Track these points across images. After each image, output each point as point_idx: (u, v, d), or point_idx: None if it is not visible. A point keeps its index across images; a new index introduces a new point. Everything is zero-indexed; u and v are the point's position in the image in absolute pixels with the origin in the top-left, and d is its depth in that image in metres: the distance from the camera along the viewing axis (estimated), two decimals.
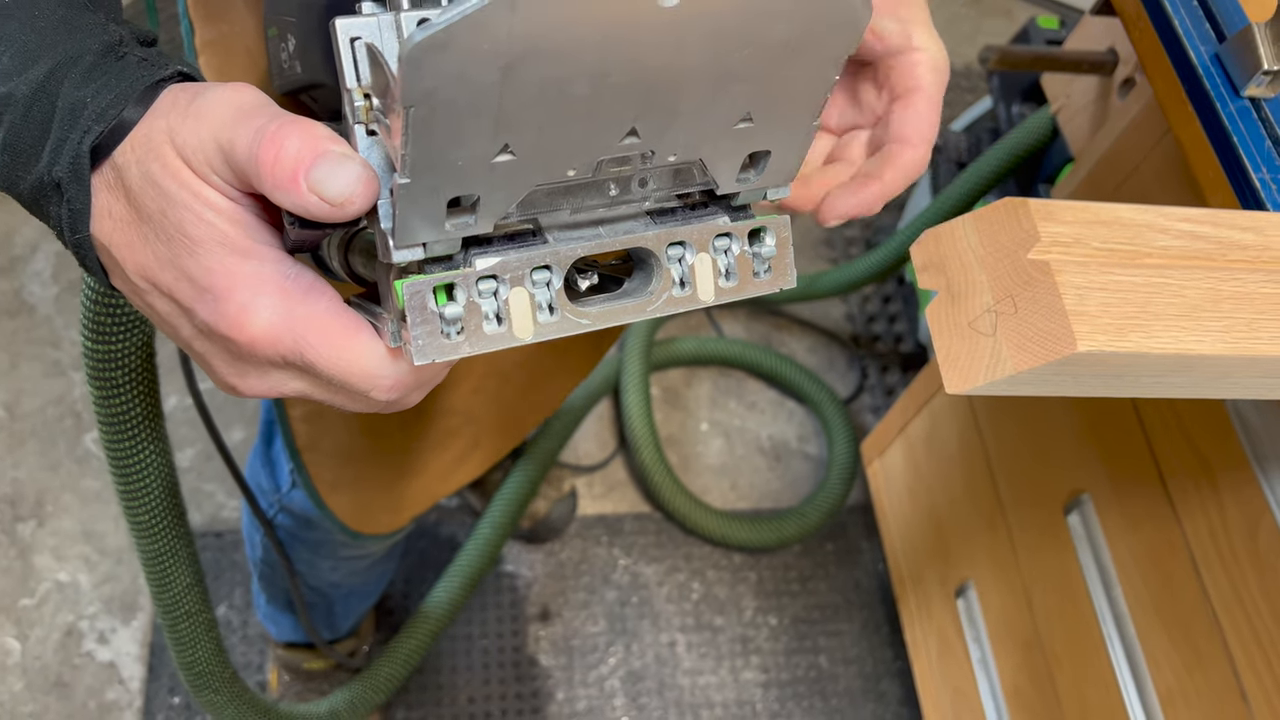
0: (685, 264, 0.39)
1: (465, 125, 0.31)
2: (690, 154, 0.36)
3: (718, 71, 0.33)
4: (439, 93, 0.29)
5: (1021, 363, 0.51)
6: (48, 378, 1.63)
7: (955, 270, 0.54)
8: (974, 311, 0.53)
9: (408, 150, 0.31)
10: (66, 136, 0.37)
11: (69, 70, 0.37)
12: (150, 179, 0.36)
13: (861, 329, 1.87)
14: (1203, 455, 0.87)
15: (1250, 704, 0.83)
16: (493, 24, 0.28)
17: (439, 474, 0.94)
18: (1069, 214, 0.54)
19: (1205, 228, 0.56)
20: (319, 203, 0.34)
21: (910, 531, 1.44)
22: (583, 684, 1.50)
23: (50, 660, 1.43)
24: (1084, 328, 0.50)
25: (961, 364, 0.53)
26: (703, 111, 0.34)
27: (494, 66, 0.29)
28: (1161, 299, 0.53)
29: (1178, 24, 0.76)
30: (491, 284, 0.36)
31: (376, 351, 0.37)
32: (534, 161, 0.33)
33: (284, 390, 0.40)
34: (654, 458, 1.62)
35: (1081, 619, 1.05)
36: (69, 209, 0.38)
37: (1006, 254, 0.53)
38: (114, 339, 0.65)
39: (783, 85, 0.35)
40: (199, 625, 0.90)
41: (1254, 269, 0.55)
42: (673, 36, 0.31)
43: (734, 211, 0.40)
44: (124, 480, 0.75)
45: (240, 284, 0.36)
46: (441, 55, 0.28)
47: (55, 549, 1.50)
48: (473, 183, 0.33)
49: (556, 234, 0.37)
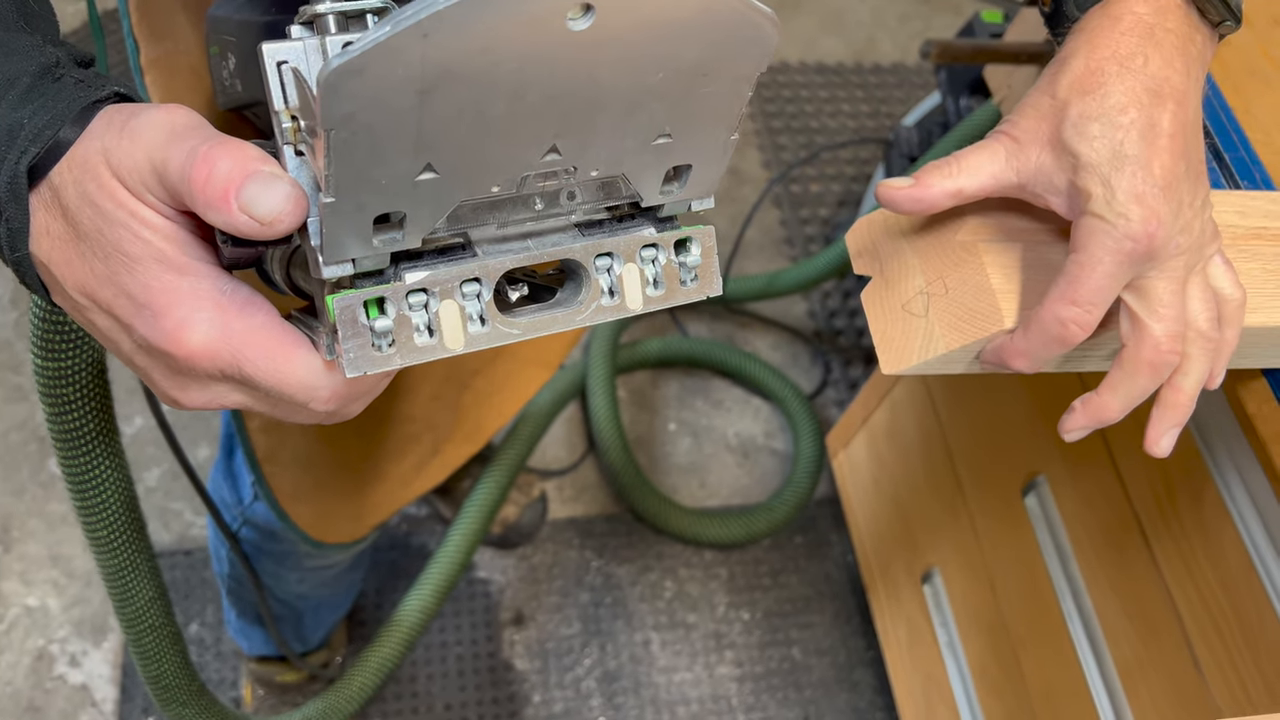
0: (613, 274, 0.40)
1: (386, 146, 0.32)
2: (612, 169, 0.37)
3: (633, 91, 0.34)
4: (358, 116, 0.30)
5: (953, 341, 0.53)
6: (10, 403, 1.62)
7: (888, 255, 0.56)
8: (907, 294, 0.55)
9: (331, 171, 0.32)
10: (4, 157, 0.37)
11: (5, 92, 0.38)
12: (87, 198, 0.37)
13: (823, 325, 1.89)
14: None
15: (1203, 671, 0.85)
16: (406, 50, 0.29)
17: (399, 481, 0.94)
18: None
19: None
20: (249, 221, 0.35)
21: (877, 522, 1.46)
22: (559, 686, 1.51)
23: (21, 685, 1.42)
24: (1011, 305, 0.52)
25: (896, 345, 0.55)
26: (621, 129, 0.35)
27: (410, 90, 0.30)
28: None
29: None
30: (422, 297, 0.36)
31: (313, 364, 0.38)
32: (457, 178, 0.34)
33: (225, 402, 0.40)
34: (623, 459, 1.63)
35: (1042, 598, 1.07)
36: (8, 228, 0.39)
37: (936, 237, 0.54)
38: (63, 355, 0.65)
39: (698, 103, 0.36)
40: (163, 639, 0.90)
41: None
42: (585, 58, 0.32)
43: (660, 223, 0.41)
44: (81, 496, 0.75)
45: (177, 300, 0.37)
46: (357, 80, 0.29)
47: (22, 574, 1.50)
48: (397, 200, 0.34)
49: (486, 247, 0.38)
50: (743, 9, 0.33)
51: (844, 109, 2.18)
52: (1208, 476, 0.82)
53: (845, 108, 2.19)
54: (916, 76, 2.25)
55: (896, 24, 2.36)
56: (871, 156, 2.11)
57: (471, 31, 0.29)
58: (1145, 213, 0.45)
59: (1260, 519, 0.79)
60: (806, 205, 2.01)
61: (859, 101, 2.20)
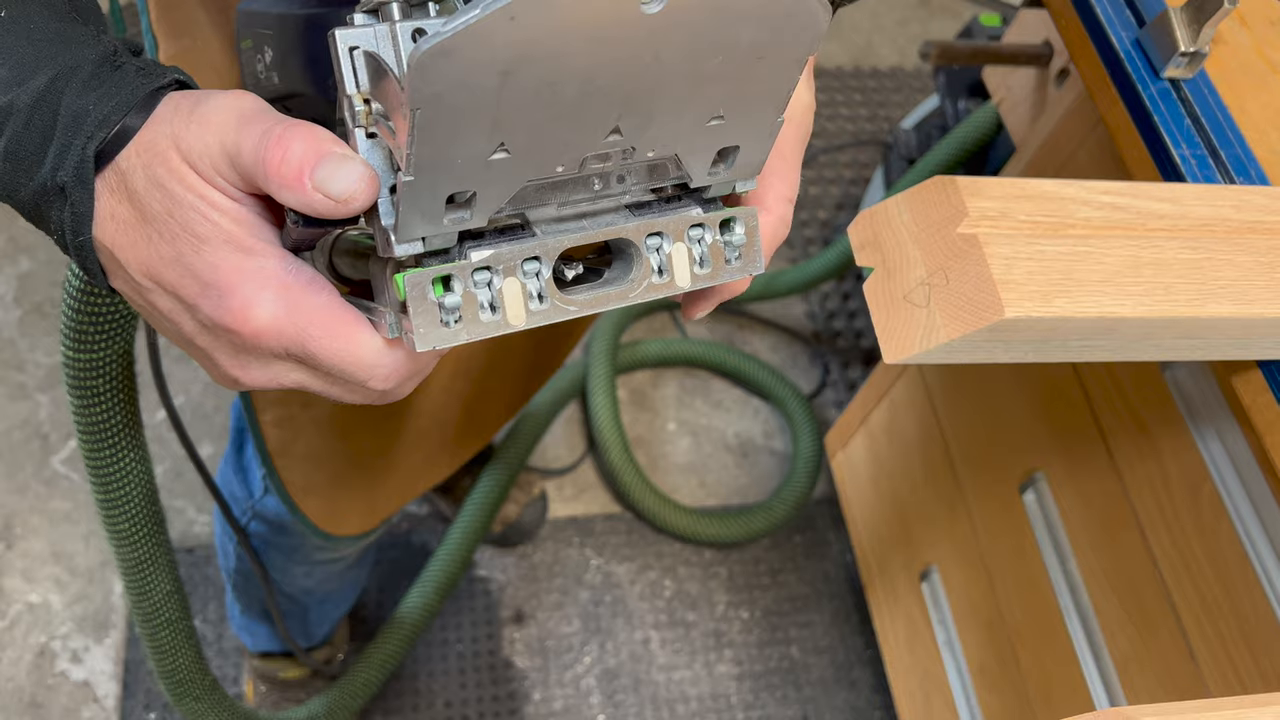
0: (663, 253, 0.42)
1: (465, 126, 0.33)
2: (667, 150, 0.39)
3: (693, 73, 0.36)
4: (443, 96, 0.32)
5: (954, 331, 0.54)
6: (13, 400, 1.63)
7: (890, 247, 0.57)
8: (908, 285, 0.56)
9: (412, 150, 0.33)
10: (70, 143, 0.38)
11: (69, 80, 0.39)
12: (156, 182, 0.38)
13: (822, 326, 1.90)
14: (1145, 425, 0.90)
15: (1199, 663, 0.86)
16: (493, 33, 0.30)
17: (409, 475, 0.95)
18: (995, 189, 0.57)
19: (1125, 199, 0.59)
20: (324, 199, 0.36)
21: (875, 521, 1.47)
22: (559, 684, 1.52)
23: (24, 682, 1.42)
24: (1011, 295, 0.53)
25: (898, 335, 0.56)
26: (679, 110, 0.37)
27: (493, 71, 0.31)
28: (1085, 266, 0.56)
29: (1100, 11, 0.79)
30: (486, 275, 0.38)
31: (374, 343, 0.39)
32: (527, 159, 0.36)
33: (284, 381, 0.41)
34: (623, 458, 1.64)
35: (1040, 594, 1.08)
36: (72, 212, 0.39)
37: (937, 229, 0.55)
38: (95, 347, 0.66)
39: (751, 85, 0.38)
40: (179, 633, 0.91)
41: (1171, 236, 0.58)
42: (653, 43, 0.33)
43: (705, 204, 0.43)
44: (103, 489, 0.76)
45: (244, 279, 0.38)
46: (446, 62, 0.30)
47: (25, 571, 1.50)
48: (470, 179, 0.35)
49: (544, 227, 0.39)
50: None
51: (842, 112, 2.20)
52: (1204, 470, 0.83)
53: (844, 111, 2.20)
54: (915, 80, 2.27)
55: (894, 28, 2.37)
56: (870, 159, 2.12)
57: (554, 14, 0.30)
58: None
59: (1255, 512, 0.80)
60: (805, 207, 2.02)
61: (857, 105, 2.21)
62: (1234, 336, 0.60)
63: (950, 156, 1.44)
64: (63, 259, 1.77)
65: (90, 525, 1.54)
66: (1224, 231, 0.59)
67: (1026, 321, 0.53)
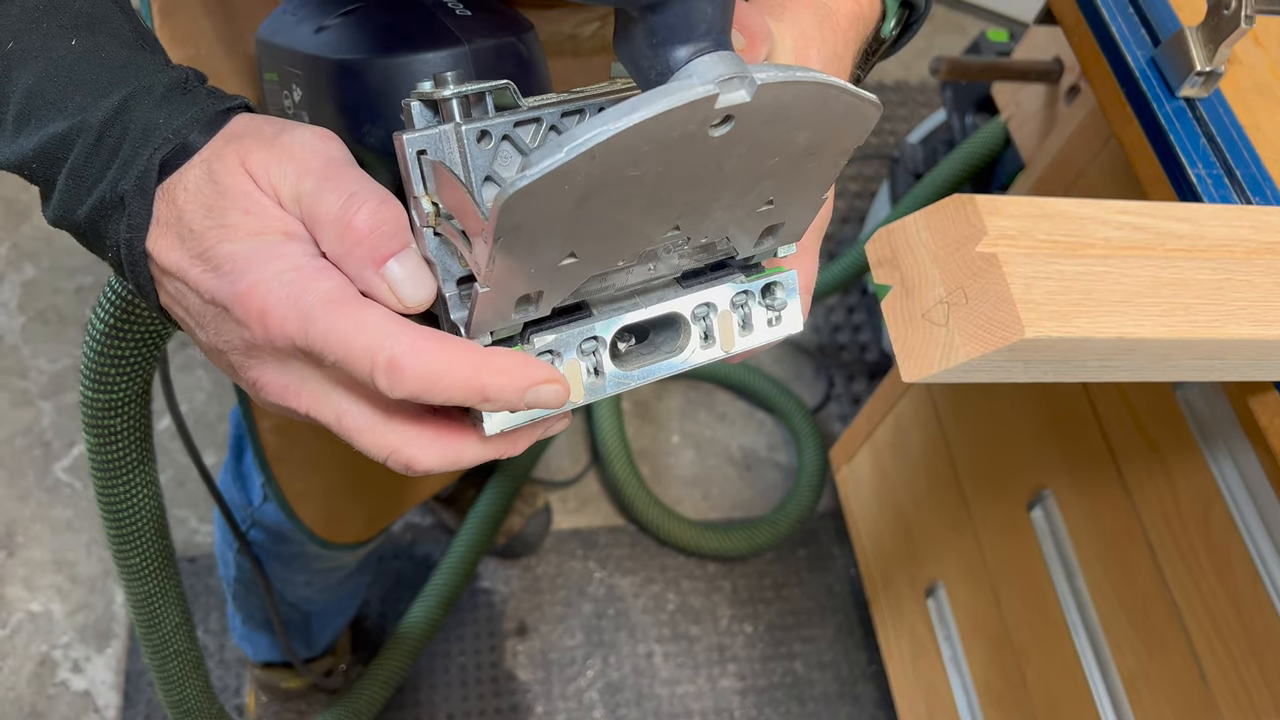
0: (709, 320, 0.43)
1: (541, 244, 0.35)
2: (719, 235, 0.41)
3: (750, 175, 0.37)
4: (523, 225, 0.33)
5: (973, 350, 0.53)
6: (15, 407, 1.62)
7: (908, 265, 0.57)
8: (927, 303, 0.56)
9: (491, 268, 0.34)
10: (136, 154, 0.38)
11: (142, 99, 0.39)
12: (212, 177, 0.38)
13: (827, 339, 1.90)
14: (1155, 444, 0.90)
15: (1209, 683, 0.86)
16: (574, 171, 0.32)
17: (407, 484, 0.95)
18: (1014, 208, 0.56)
19: (1144, 219, 0.59)
20: (389, 294, 0.36)
21: (880, 535, 1.47)
22: (561, 697, 1.51)
23: (24, 691, 1.41)
24: (1031, 315, 0.53)
25: (917, 354, 0.55)
26: (734, 205, 0.39)
27: (571, 199, 0.33)
28: (1104, 286, 0.56)
29: (1115, 30, 0.79)
30: (549, 358, 0.39)
31: (381, 320, 0.36)
32: (594, 260, 0.37)
33: (300, 393, 0.39)
34: (627, 471, 1.64)
35: (1046, 611, 1.07)
36: (129, 223, 0.39)
37: (956, 248, 0.55)
38: (115, 388, 0.66)
39: (803, 176, 0.39)
40: (187, 663, 0.91)
41: (1190, 257, 0.58)
42: (717, 157, 0.35)
43: (747, 269, 0.45)
44: (116, 524, 0.75)
45: (257, 261, 0.37)
46: (530, 199, 0.32)
47: (26, 579, 1.49)
48: (540, 282, 0.37)
49: (600, 308, 0.41)
50: (855, 102, 0.36)
51: None
52: (1215, 489, 0.83)
53: None
54: (920, 95, 2.27)
55: None
56: (875, 173, 2.12)
57: (631, 149, 0.32)
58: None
59: (1267, 532, 0.80)
60: None
61: None
62: (1253, 358, 0.60)
63: (957, 171, 1.44)
64: (68, 266, 1.77)
65: (92, 534, 1.54)
66: (1243, 252, 0.58)
67: (1047, 342, 0.53)
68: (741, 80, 0.32)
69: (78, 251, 1.78)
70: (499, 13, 0.50)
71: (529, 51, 0.50)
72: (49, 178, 0.40)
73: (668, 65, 0.35)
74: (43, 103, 0.40)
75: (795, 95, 0.34)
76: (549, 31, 0.62)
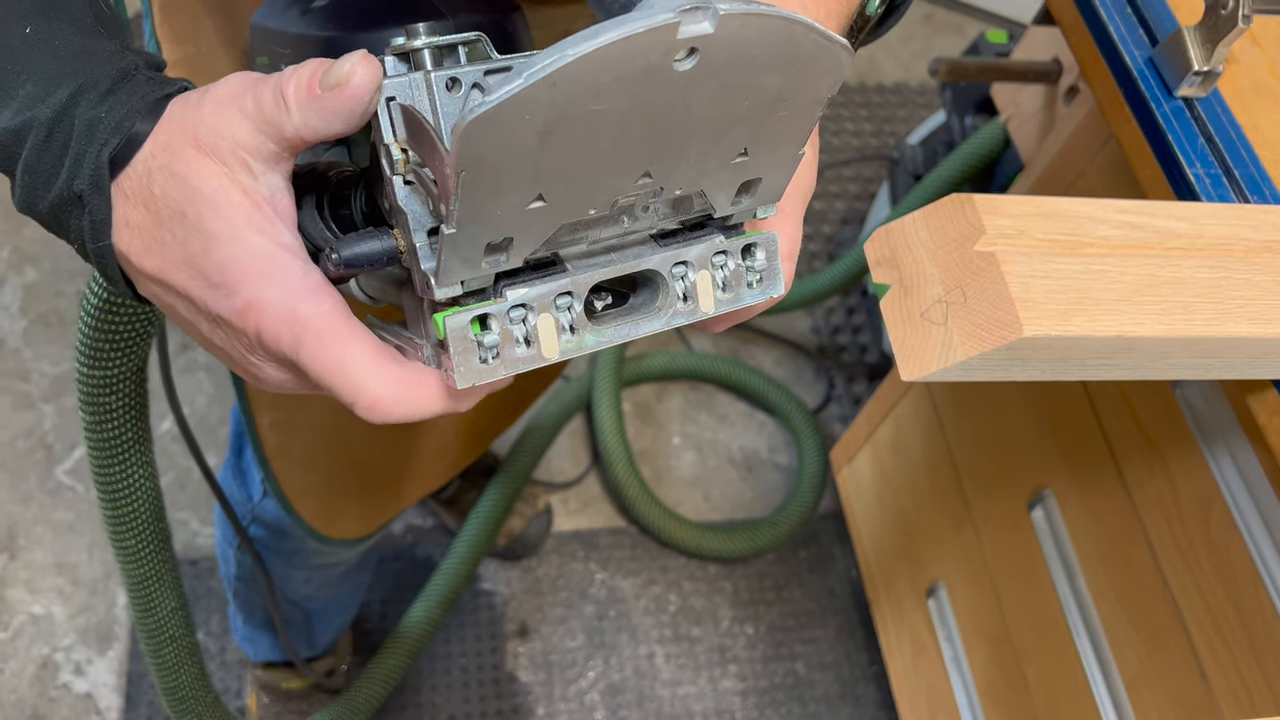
0: (688, 280, 0.43)
1: (506, 182, 0.34)
2: (693, 187, 0.40)
3: (721, 119, 0.37)
4: (486, 159, 0.33)
5: (972, 349, 0.53)
6: (17, 410, 1.63)
7: (907, 264, 0.57)
8: (926, 302, 0.56)
9: (455, 207, 0.34)
10: (85, 151, 0.39)
11: (88, 92, 0.39)
12: (176, 177, 0.38)
13: (827, 340, 1.90)
14: (1155, 444, 0.90)
15: (1209, 682, 0.86)
16: (535, 99, 0.31)
17: (406, 480, 0.95)
18: (1012, 207, 0.57)
19: (1142, 218, 0.59)
20: (330, 94, 0.36)
21: (881, 536, 1.47)
22: (563, 699, 1.51)
23: (26, 694, 1.42)
24: (1029, 313, 0.53)
25: (916, 353, 0.56)
26: (706, 152, 0.38)
27: (534, 132, 0.33)
28: (1102, 285, 0.56)
29: (1113, 30, 0.79)
30: (521, 311, 0.39)
31: (364, 366, 0.38)
32: (563, 206, 0.37)
33: (292, 386, 0.41)
34: (627, 472, 1.64)
35: (1048, 611, 1.07)
36: (90, 219, 0.40)
37: (954, 247, 0.55)
38: (110, 364, 0.66)
39: (775, 125, 0.39)
40: (182, 650, 0.91)
41: (1188, 255, 0.58)
42: (684, 94, 0.35)
43: (727, 230, 0.44)
44: (112, 505, 0.76)
45: (250, 279, 0.38)
46: (490, 128, 0.32)
47: (28, 581, 1.50)
48: (508, 228, 0.36)
49: (575, 262, 0.41)
50: (823, 42, 0.35)
51: (848, 127, 2.20)
52: (1215, 488, 0.83)
53: (849, 126, 2.21)
54: (920, 96, 2.27)
55: (899, 44, 2.38)
56: (875, 175, 2.12)
57: (592, 78, 0.32)
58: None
59: (1267, 530, 0.80)
60: (810, 222, 2.03)
61: (862, 120, 2.22)
62: (1251, 356, 0.60)
63: (957, 172, 1.44)
64: (69, 269, 1.77)
65: (94, 536, 1.54)
66: (1241, 251, 0.59)
67: (1045, 340, 0.53)
68: (705, 11, 0.32)
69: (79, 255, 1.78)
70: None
71: (514, 31, 0.50)
72: (7, 169, 0.41)
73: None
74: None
75: (760, 29, 0.33)
76: (542, 28, 0.63)
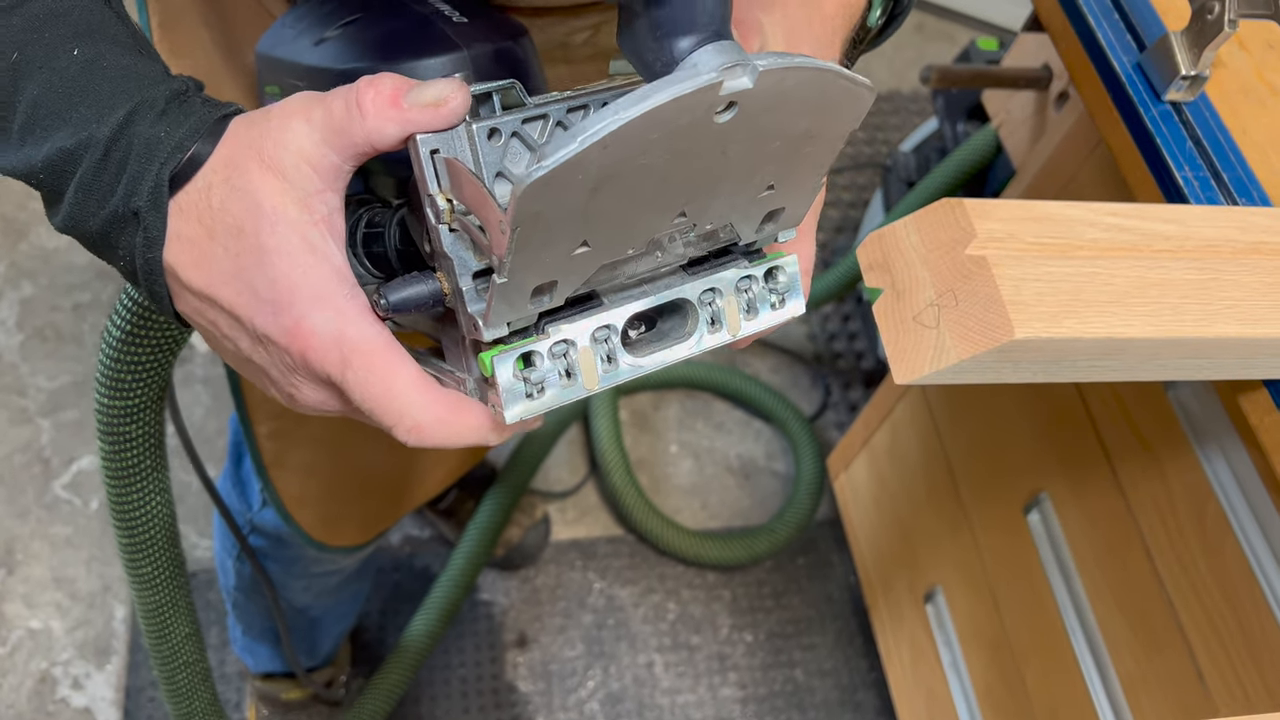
0: (715, 306, 0.45)
1: (556, 233, 0.36)
2: (722, 220, 0.42)
3: (754, 159, 0.39)
4: (541, 215, 0.34)
5: (964, 351, 0.54)
6: (14, 425, 1.63)
7: (899, 268, 0.57)
8: (918, 306, 0.56)
9: (508, 259, 0.35)
10: (144, 170, 0.39)
11: (145, 113, 0.40)
12: (237, 190, 0.39)
13: (823, 347, 1.91)
14: (1150, 446, 0.91)
15: (1206, 683, 0.86)
16: (588, 160, 0.33)
17: (404, 487, 0.96)
18: (1003, 211, 0.57)
19: (1131, 221, 0.59)
20: (420, 111, 0.37)
21: (878, 542, 1.47)
22: (562, 708, 1.51)
23: (24, 708, 1.41)
24: (1021, 316, 0.54)
25: (908, 356, 0.56)
26: (737, 190, 0.40)
27: (585, 189, 0.34)
28: (1093, 287, 0.56)
29: (1101, 36, 0.80)
30: (563, 347, 0.41)
31: (409, 391, 0.39)
32: (605, 249, 0.39)
33: (329, 408, 0.42)
34: (625, 481, 1.64)
35: (1045, 614, 1.08)
36: (144, 236, 0.40)
37: (946, 251, 0.56)
38: (130, 395, 0.66)
39: (801, 160, 0.41)
40: (196, 675, 0.91)
41: (1177, 257, 0.59)
42: (721, 142, 0.36)
43: (750, 254, 0.46)
44: (129, 532, 0.76)
45: (300, 297, 0.39)
46: (545, 189, 0.33)
47: (26, 596, 1.50)
48: (554, 272, 0.38)
49: (611, 296, 0.43)
50: (850, 86, 0.37)
51: None
52: (1209, 490, 0.84)
53: None
54: (912, 104, 2.28)
55: (891, 52, 2.39)
56: (869, 182, 2.13)
57: (640, 137, 0.33)
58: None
59: (1261, 531, 0.80)
60: None
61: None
62: (1241, 356, 0.61)
63: (949, 179, 1.45)
64: (65, 283, 1.77)
65: (92, 551, 1.54)
66: (1229, 252, 0.59)
67: (1036, 342, 0.53)
68: (744, 67, 0.33)
69: (76, 269, 1.79)
70: (495, 19, 0.51)
71: (525, 55, 0.51)
72: (57, 189, 0.42)
73: (672, 56, 0.36)
74: (48, 113, 0.41)
75: (795, 81, 0.35)
76: (541, 39, 0.63)
